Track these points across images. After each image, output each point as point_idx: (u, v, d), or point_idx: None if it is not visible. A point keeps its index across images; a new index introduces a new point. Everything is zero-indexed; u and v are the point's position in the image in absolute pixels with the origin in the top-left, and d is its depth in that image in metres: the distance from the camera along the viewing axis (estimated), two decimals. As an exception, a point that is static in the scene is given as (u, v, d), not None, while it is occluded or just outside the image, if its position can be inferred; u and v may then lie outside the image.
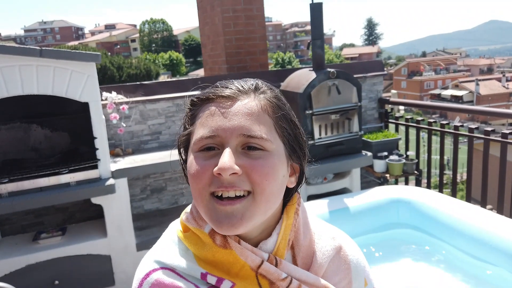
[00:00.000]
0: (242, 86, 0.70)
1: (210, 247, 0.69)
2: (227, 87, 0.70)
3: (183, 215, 0.76)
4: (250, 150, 0.66)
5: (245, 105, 0.67)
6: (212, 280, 0.67)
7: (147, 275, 0.69)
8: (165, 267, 0.69)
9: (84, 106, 2.67)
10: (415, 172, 3.72)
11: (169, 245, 0.73)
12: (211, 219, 0.65)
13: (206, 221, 0.70)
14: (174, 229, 0.77)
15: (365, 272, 0.83)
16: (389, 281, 2.59)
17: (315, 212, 2.91)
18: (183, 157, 0.76)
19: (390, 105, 4.31)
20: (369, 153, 3.51)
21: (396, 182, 4.14)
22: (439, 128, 3.60)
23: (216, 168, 0.63)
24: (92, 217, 3.19)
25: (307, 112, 3.23)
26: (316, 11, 3.27)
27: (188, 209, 0.78)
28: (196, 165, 0.66)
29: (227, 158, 0.62)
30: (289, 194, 0.77)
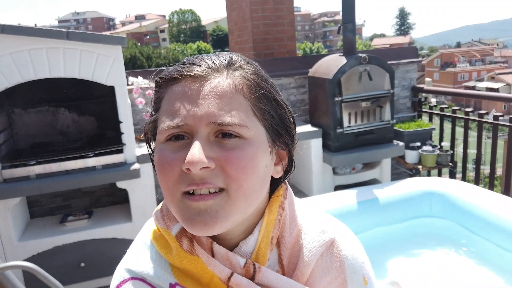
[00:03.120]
0: (213, 62, 0.60)
1: (177, 252, 0.61)
2: (195, 64, 0.59)
3: (154, 213, 0.68)
4: (225, 138, 0.56)
5: (216, 86, 0.57)
6: None
7: (118, 287, 0.63)
8: (135, 277, 0.63)
9: (110, 90, 2.66)
10: (450, 164, 3.55)
11: (141, 249, 0.66)
12: (183, 219, 0.57)
13: (177, 221, 0.62)
14: (148, 229, 0.69)
15: (364, 269, 0.70)
16: (421, 275, 2.48)
17: (341, 203, 2.82)
18: (152, 147, 0.65)
19: (424, 94, 4.12)
20: (401, 143, 3.37)
21: (428, 174, 3.97)
22: (477, 118, 3.40)
23: (184, 163, 0.54)
24: (117, 202, 3.21)
25: (336, 99, 3.11)
26: (348, -7, 3.13)
27: (160, 205, 0.69)
28: (163, 160, 0.57)
29: (196, 150, 0.53)
30: (276, 185, 0.67)
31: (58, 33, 2.42)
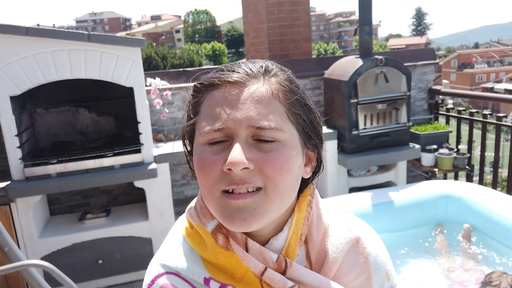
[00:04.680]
0: (251, 69, 0.63)
1: (213, 248, 0.63)
2: (234, 71, 0.62)
3: (187, 210, 0.71)
4: (262, 142, 0.59)
5: (254, 92, 0.60)
6: (215, 286, 0.62)
7: (153, 281, 0.65)
8: (170, 272, 0.65)
9: (129, 91, 2.71)
10: (467, 167, 3.51)
11: (174, 245, 0.69)
12: (222, 216, 0.60)
13: (214, 218, 0.65)
14: (180, 226, 0.72)
15: (386, 265, 0.74)
16: (436, 278, 2.46)
17: (356, 205, 2.82)
18: (188, 149, 0.69)
19: (441, 96, 4.08)
20: (417, 146, 3.35)
21: (445, 177, 3.93)
22: (495, 121, 3.36)
23: (226, 164, 0.57)
24: (135, 201, 3.27)
25: (352, 101, 3.11)
26: (365, -5, 3.12)
27: (193, 203, 0.72)
28: (204, 160, 0.60)
29: (237, 152, 0.57)
30: (304, 184, 0.70)
31: (80, 35, 2.48)
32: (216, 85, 0.62)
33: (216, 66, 0.69)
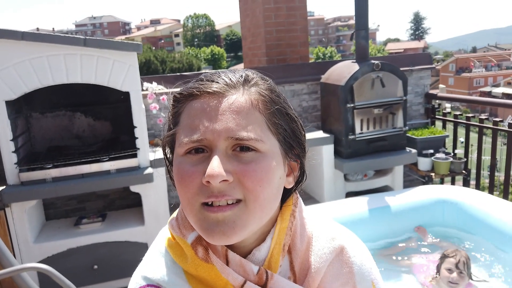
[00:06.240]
0: (230, 79, 0.62)
1: (193, 260, 0.63)
2: (213, 81, 0.62)
3: (169, 221, 0.70)
4: (242, 152, 0.59)
5: (233, 103, 0.60)
6: None
7: None
8: (151, 284, 0.65)
9: (125, 96, 2.71)
10: (463, 171, 3.51)
11: (157, 256, 0.68)
12: (201, 229, 0.59)
13: (194, 230, 0.64)
14: (163, 237, 0.71)
15: (372, 274, 0.73)
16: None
17: (352, 210, 2.81)
18: (169, 159, 0.69)
19: (437, 101, 4.08)
20: (414, 150, 3.35)
21: (441, 182, 3.94)
22: (491, 126, 3.36)
23: (204, 176, 0.56)
24: (131, 205, 3.26)
25: (348, 105, 3.12)
26: None
27: (175, 213, 0.71)
28: (183, 172, 0.59)
29: (215, 164, 0.56)
30: (287, 194, 0.69)
31: (76, 39, 2.48)
32: (195, 96, 0.62)
33: (213, 71, 0.68)
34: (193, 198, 0.59)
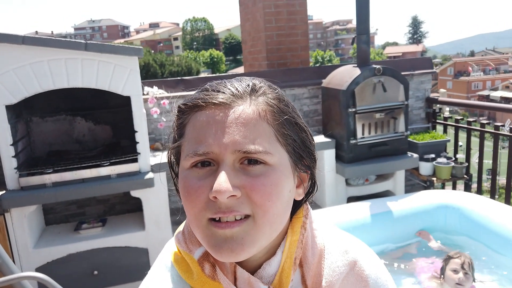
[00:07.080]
0: (237, 89, 0.59)
1: (199, 276, 0.61)
2: (219, 91, 0.59)
3: (175, 235, 0.68)
4: (250, 165, 0.56)
5: (241, 114, 0.57)
6: None
7: None
8: None
9: (126, 100, 2.70)
10: (465, 176, 3.50)
11: (162, 271, 0.66)
12: (209, 245, 0.57)
13: (201, 245, 0.62)
14: (169, 250, 0.69)
15: (387, 287, 0.71)
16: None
17: (354, 215, 2.80)
18: (175, 171, 0.66)
19: (438, 105, 4.08)
20: (415, 155, 3.34)
21: (443, 187, 3.92)
22: (492, 131, 3.36)
23: (211, 192, 0.54)
24: (131, 210, 3.23)
25: (350, 110, 3.11)
26: (363, 3, 3.13)
27: (181, 226, 0.69)
28: (189, 187, 0.57)
29: (222, 179, 0.54)
30: (297, 205, 0.67)
31: (77, 44, 2.47)
32: (201, 107, 0.59)
33: (213, 75, 0.66)
34: (200, 213, 0.57)
